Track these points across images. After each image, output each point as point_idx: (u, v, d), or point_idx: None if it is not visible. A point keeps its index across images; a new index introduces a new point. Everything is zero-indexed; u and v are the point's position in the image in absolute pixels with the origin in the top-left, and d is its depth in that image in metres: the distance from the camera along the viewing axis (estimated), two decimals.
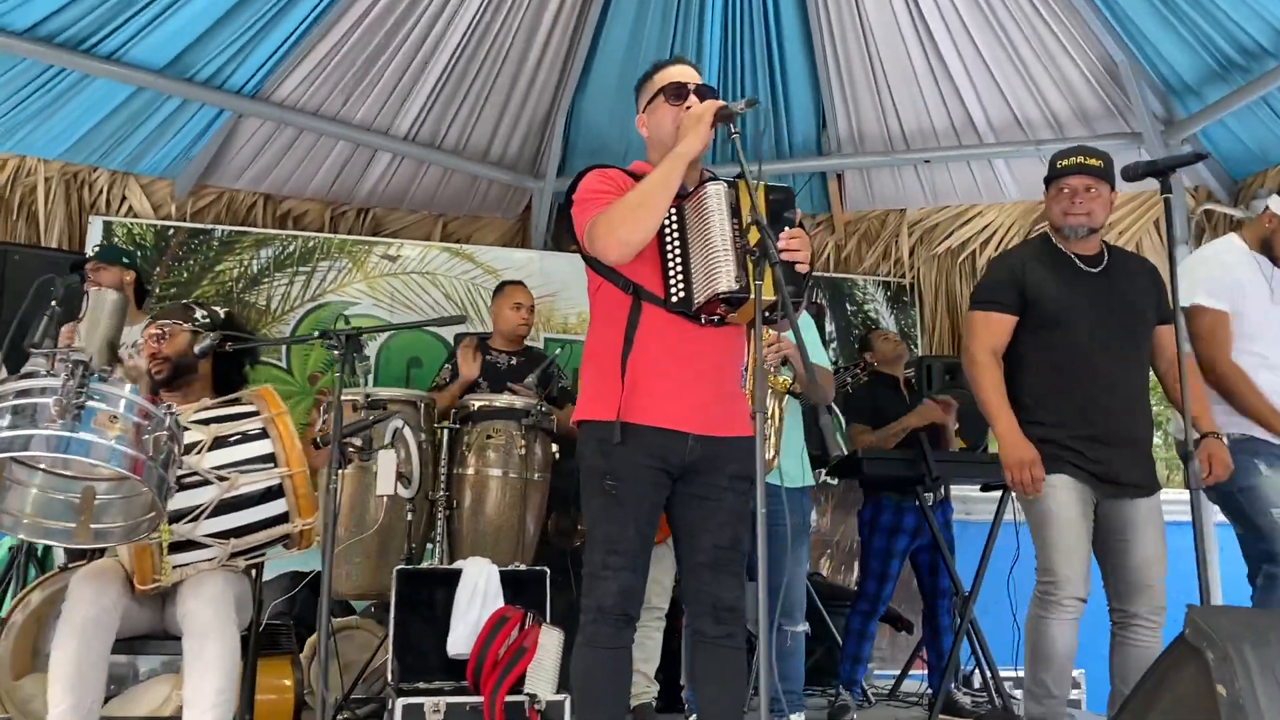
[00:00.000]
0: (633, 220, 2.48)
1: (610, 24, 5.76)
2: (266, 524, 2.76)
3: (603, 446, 2.55)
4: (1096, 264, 3.36)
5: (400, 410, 3.92)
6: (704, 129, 2.57)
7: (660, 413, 2.55)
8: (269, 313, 5.98)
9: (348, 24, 5.40)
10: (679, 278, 2.55)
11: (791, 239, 2.53)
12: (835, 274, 6.76)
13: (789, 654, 3.77)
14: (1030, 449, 3.19)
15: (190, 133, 5.72)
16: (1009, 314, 3.34)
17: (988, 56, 5.62)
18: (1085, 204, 3.29)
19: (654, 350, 2.57)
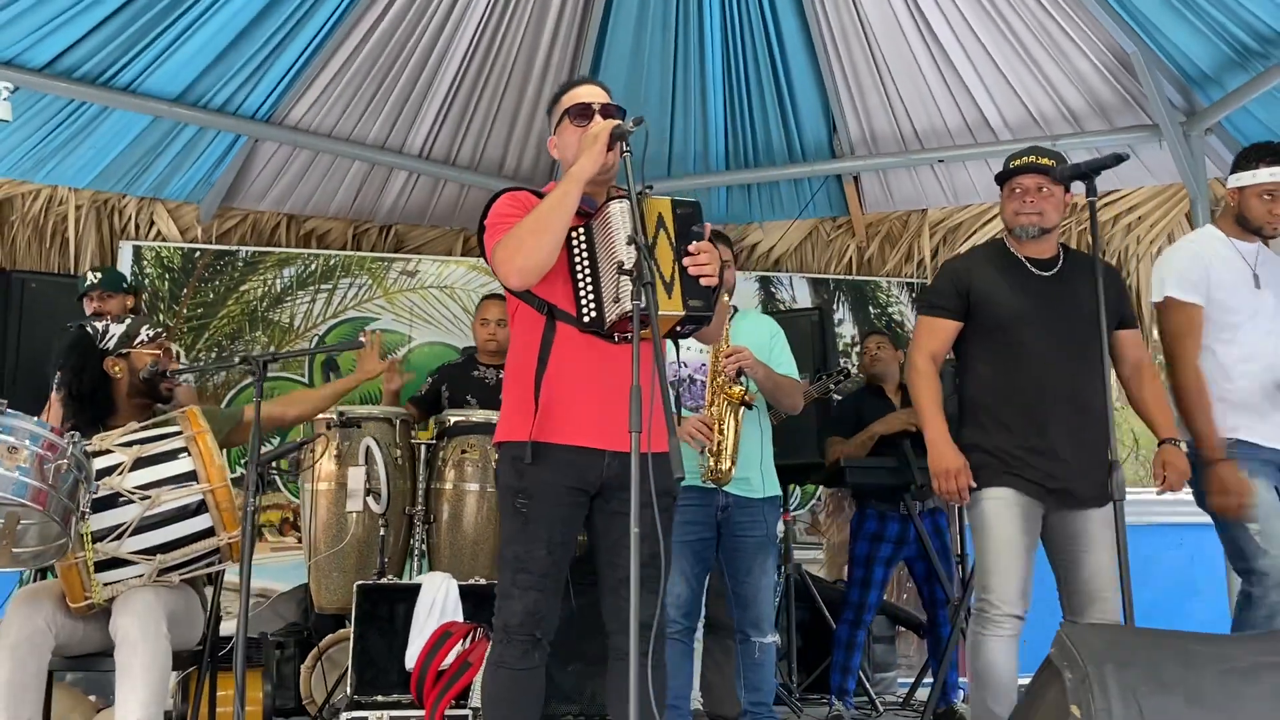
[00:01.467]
0: (530, 246, 2.51)
1: (612, 36, 5.81)
2: (192, 539, 2.88)
3: (516, 466, 2.59)
4: (1050, 267, 3.30)
5: (373, 428, 4.03)
6: (599, 148, 2.59)
7: (575, 431, 2.57)
8: (292, 330, 6.19)
9: (352, 45, 5.55)
10: (589, 297, 2.58)
11: (699, 252, 2.55)
12: (857, 276, 6.72)
13: (757, 665, 3.77)
14: (957, 458, 3.16)
15: (210, 158, 5.94)
16: (951, 319, 3.30)
17: (994, 52, 5.52)
18: (1037, 204, 3.25)
19: (569, 369, 2.60)
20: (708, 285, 2.53)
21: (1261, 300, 3.46)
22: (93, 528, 2.63)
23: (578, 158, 2.61)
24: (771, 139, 6.28)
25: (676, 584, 3.67)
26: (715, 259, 2.57)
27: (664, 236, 2.52)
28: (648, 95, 6.07)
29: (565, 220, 2.55)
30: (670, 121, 6.23)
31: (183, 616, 3.00)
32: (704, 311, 2.55)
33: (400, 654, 3.52)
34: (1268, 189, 3.45)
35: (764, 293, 6.65)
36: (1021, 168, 3.27)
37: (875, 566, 4.55)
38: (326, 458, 3.94)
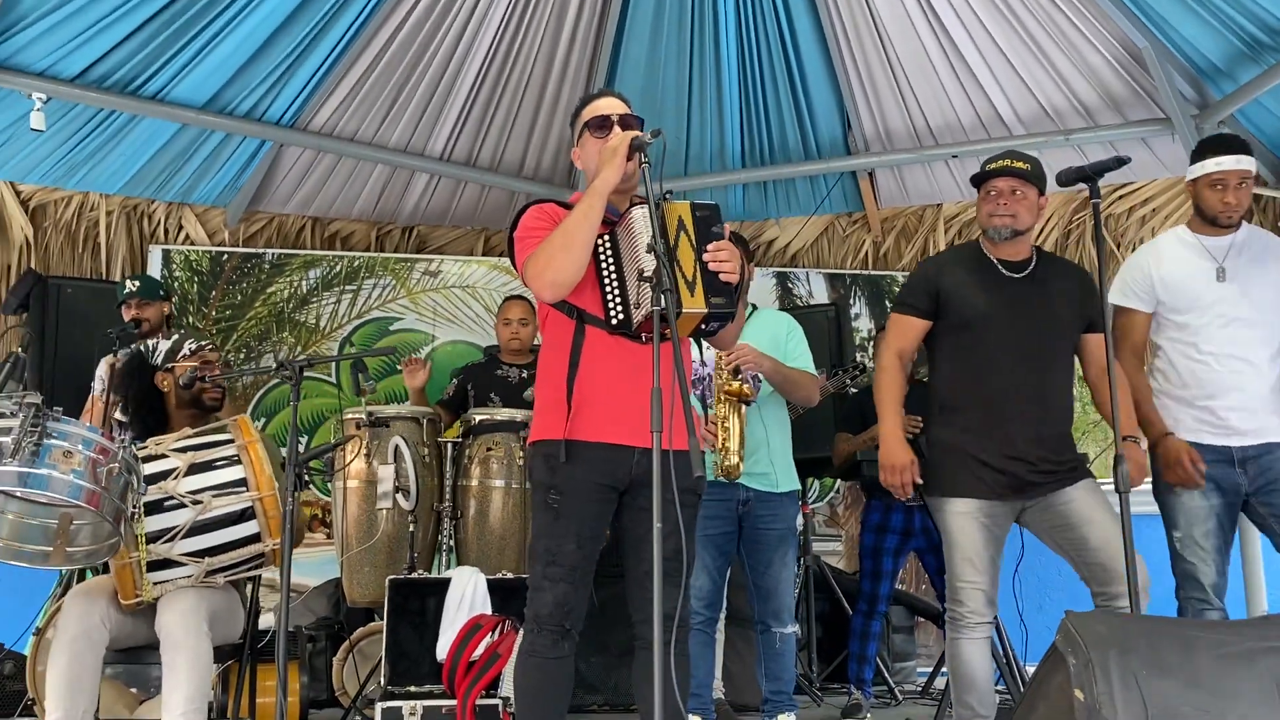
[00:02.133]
0: (560, 261, 2.63)
1: (628, 38, 5.91)
2: (239, 544, 3.02)
3: (549, 463, 2.70)
4: (1022, 269, 3.39)
5: (401, 427, 4.17)
6: (619, 161, 2.70)
7: (605, 429, 2.67)
8: (318, 330, 6.33)
9: (374, 51, 5.67)
10: (617, 300, 2.69)
11: (718, 251, 2.66)
12: (874, 271, 6.81)
13: (778, 655, 3.89)
14: (905, 454, 3.29)
15: (236, 163, 6.08)
16: (920, 317, 3.41)
17: (1005, 48, 5.60)
18: (1010, 206, 3.32)
19: (599, 371, 2.70)
20: (728, 282, 2.63)
21: (1224, 292, 3.49)
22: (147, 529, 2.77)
23: (599, 170, 2.72)
24: (787, 136, 6.37)
25: (699, 576, 3.79)
26: (735, 256, 2.67)
27: (685, 238, 2.63)
28: (664, 96, 6.18)
29: (591, 234, 2.66)
30: (687, 121, 6.33)
31: (224, 615, 3.14)
32: (726, 308, 2.65)
33: (431, 646, 3.66)
34: (1215, 178, 3.51)
35: (781, 288, 6.75)
36: (996, 171, 3.35)
37: (883, 557, 4.66)
38: (357, 457, 4.07)
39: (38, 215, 6.02)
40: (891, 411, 3.35)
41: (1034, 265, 3.40)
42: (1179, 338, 3.52)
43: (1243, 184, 3.49)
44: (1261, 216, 6.02)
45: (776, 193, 6.81)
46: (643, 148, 2.68)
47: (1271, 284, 3.51)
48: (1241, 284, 3.48)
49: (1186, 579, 3.42)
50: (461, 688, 3.37)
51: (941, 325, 3.40)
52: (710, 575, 3.83)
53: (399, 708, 3.38)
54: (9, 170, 5.76)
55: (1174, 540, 3.44)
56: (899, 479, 3.28)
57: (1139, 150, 5.93)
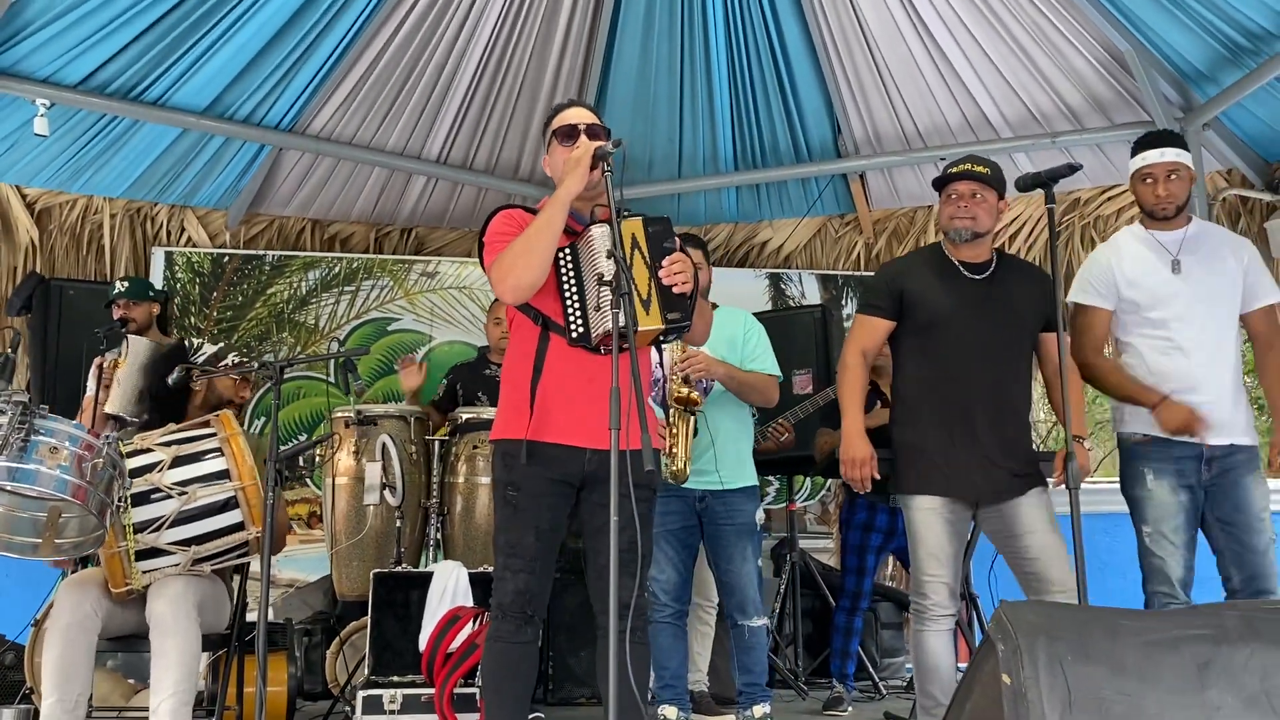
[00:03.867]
0: (521, 266, 2.76)
1: (620, 43, 6.04)
2: (224, 532, 3.17)
3: (508, 461, 2.85)
4: (982, 270, 3.50)
5: (389, 425, 4.31)
6: (582, 170, 2.82)
7: (562, 431, 2.82)
8: (318, 330, 6.46)
9: (371, 55, 5.81)
10: (577, 314, 2.81)
11: (672, 264, 2.78)
12: (866, 272, 6.89)
13: (748, 648, 4.00)
14: (865, 448, 3.42)
15: (237, 167, 6.23)
16: (883, 318, 3.52)
17: (990, 51, 5.70)
18: (970, 208, 3.43)
19: (560, 376, 2.84)
20: (682, 293, 2.75)
21: (1181, 284, 3.56)
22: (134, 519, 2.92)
23: (561, 178, 2.85)
24: (778, 140, 6.49)
25: (664, 569, 3.92)
26: (688, 267, 2.80)
27: (639, 256, 2.75)
28: (657, 100, 6.30)
29: (552, 241, 2.78)
30: (680, 125, 6.46)
31: (211, 603, 3.28)
32: (682, 321, 2.79)
33: (415, 637, 3.79)
34: (1144, 172, 3.62)
35: (774, 289, 6.86)
36: (956, 174, 3.46)
37: (867, 554, 4.77)
38: (345, 454, 4.21)
39: (43, 218, 6.18)
40: (853, 406, 3.47)
41: (994, 267, 3.51)
42: (1150, 333, 3.59)
43: (1172, 175, 3.56)
44: (1249, 219, 6.10)
45: (769, 195, 6.93)
46: (606, 157, 2.81)
47: (1226, 275, 3.59)
48: (1197, 277, 3.56)
49: (1155, 573, 3.50)
50: (440, 676, 3.50)
51: (905, 326, 3.51)
52: (675, 568, 3.95)
53: (379, 696, 3.51)
54: (15, 174, 5.93)
55: (1143, 535, 3.52)
56: (859, 472, 3.40)
57: (1125, 153, 5.83)
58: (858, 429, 3.44)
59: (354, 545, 4.29)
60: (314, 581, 5.48)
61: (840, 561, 5.08)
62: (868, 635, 5.57)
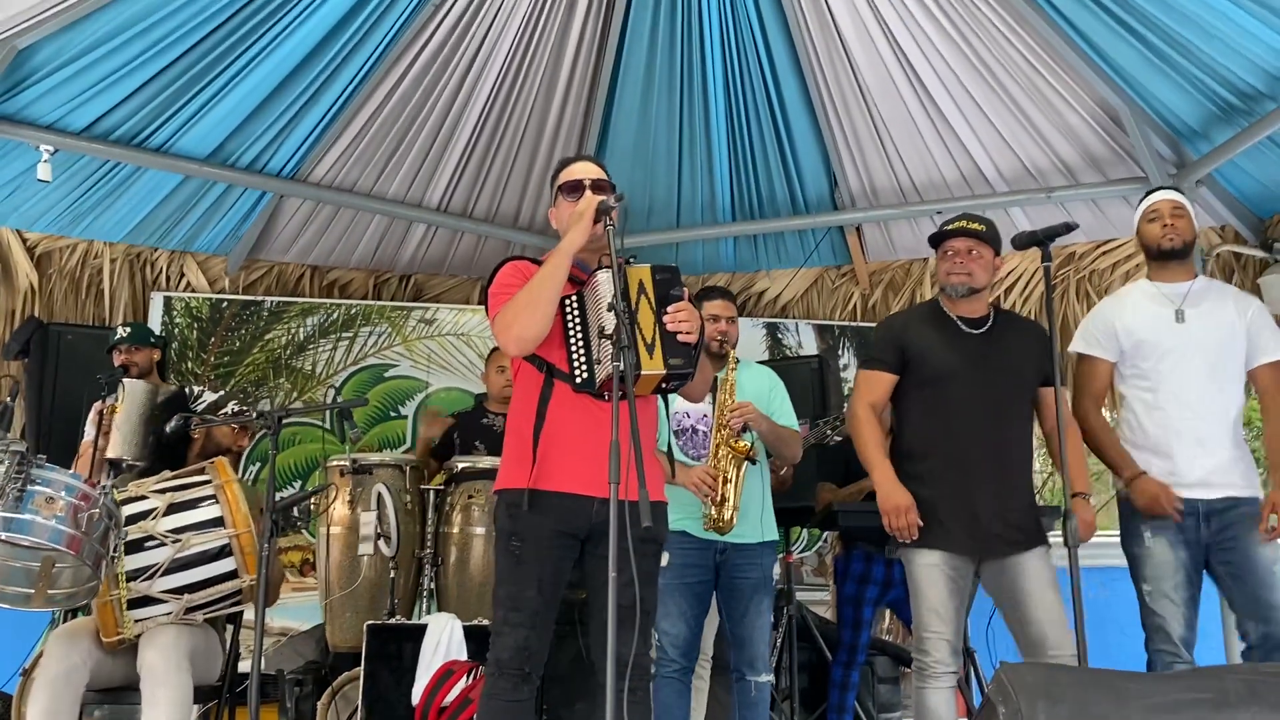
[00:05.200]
0: (525, 318, 2.77)
1: (620, 96, 6.08)
2: (217, 580, 3.15)
3: (511, 511, 2.82)
4: (980, 325, 3.53)
5: (384, 474, 4.29)
6: (585, 224, 2.85)
7: (566, 479, 2.80)
8: (314, 376, 6.46)
9: (374, 105, 5.84)
10: (581, 360, 2.81)
11: (677, 312, 2.78)
12: (862, 323, 6.92)
13: (752, 703, 3.97)
14: (904, 495, 3.38)
15: (238, 213, 6.26)
16: (889, 371, 3.55)
17: (986, 108, 5.74)
18: (966, 265, 3.49)
19: (564, 424, 2.83)
20: (686, 342, 2.75)
21: (1182, 335, 3.60)
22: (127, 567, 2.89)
23: (565, 231, 2.86)
24: (775, 192, 6.53)
25: (676, 624, 3.88)
26: (694, 317, 2.81)
27: (645, 302, 2.76)
28: (656, 152, 6.35)
29: (555, 293, 2.80)
30: (679, 176, 6.50)
31: (203, 653, 3.24)
32: (684, 369, 2.78)
33: (408, 691, 3.75)
34: (1151, 211, 3.70)
35: (771, 339, 6.88)
36: (953, 231, 3.52)
37: (864, 607, 4.74)
38: (340, 503, 4.19)
39: (43, 262, 6.17)
40: (879, 456, 3.47)
41: (992, 322, 3.54)
42: (1139, 385, 3.63)
43: (1177, 212, 3.64)
44: (1242, 275, 6.12)
45: (766, 245, 6.96)
46: (608, 212, 2.83)
47: (1227, 326, 3.61)
48: (1199, 327, 3.59)
49: (1156, 632, 3.49)
50: None
51: (907, 380, 3.53)
52: (687, 623, 3.92)
53: None
54: (16, 218, 5.94)
55: (1143, 593, 3.52)
56: (903, 520, 3.36)
57: (1120, 208, 6.06)
58: (890, 477, 3.43)
59: (347, 596, 4.25)
60: (306, 630, 5.41)
61: (836, 614, 5.04)
62: (864, 690, 5.50)
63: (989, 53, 5.43)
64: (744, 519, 3.90)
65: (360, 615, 4.23)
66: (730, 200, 6.62)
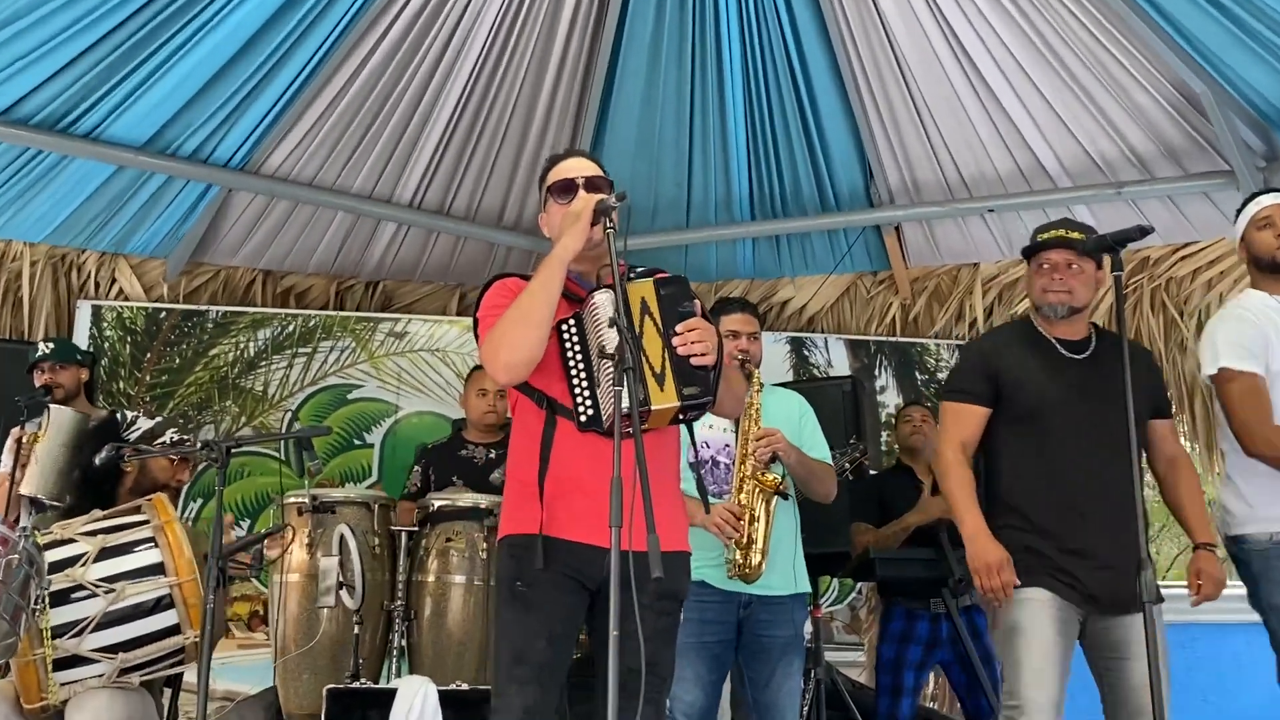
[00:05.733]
0: (514, 339, 2.76)
1: (622, 74, 6.15)
2: (156, 636, 3.19)
3: (515, 553, 2.83)
4: (1082, 349, 3.57)
5: (349, 513, 4.34)
6: (581, 227, 2.85)
7: (577, 527, 2.79)
8: (266, 399, 6.51)
9: (337, 86, 5.90)
10: (585, 395, 2.80)
11: (688, 331, 2.79)
12: (902, 338, 6.99)
13: None
14: (999, 551, 3.39)
15: (178, 209, 6.33)
16: (979, 404, 3.57)
17: (1046, 90, 5.80)
18: (1065, 281, 3.51)
19: (572, 466, 2.82)
20: (701, 365, 2.77)
21: None
22: (53, 622, 2.94)
23: (558, 236, 2.89)
24: (801, 186, 6.61)
25: (691, 690, 3.89)
26: (708, 335, 2.79)
27: (650, 322, 2.76)
28: (662, 139, 6.43)
29: (548, 308, 2.79)
30: (689, 167, 6.59)
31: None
32: (702, 397, 2.77)
33: None
34: (1261, 218, 3.70)
35: (796, 355, 6.93)
36: (1049, 242, 3.54)
37: (904, 672, 4.77)
38: (297, 547, 4.23)
39: None
40: (971, 507, 3.47)
41: (1094, 345, 3.58)
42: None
43: None
44: None
45: (790, 248, 7.04)
46: (608, 212, 2.85)
47: None
48: None
49: None
50: None
51: (1000, 413, 3.56)
52: (704, 689, 3.92)
53: None
54: None
55: None
56: (997, 580, 3.37)
57: (1200, 205, 6.13)
58: (982, 529, 3.44)
59: (304, 654, 4.28)
60: (255, 695, 5.44)
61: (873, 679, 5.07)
62: None
63: (1049, 26, 5.49)
64: (773, 566, 3.89)
65: (319, 677, 4.26)
66: (749, 196, 6.70)
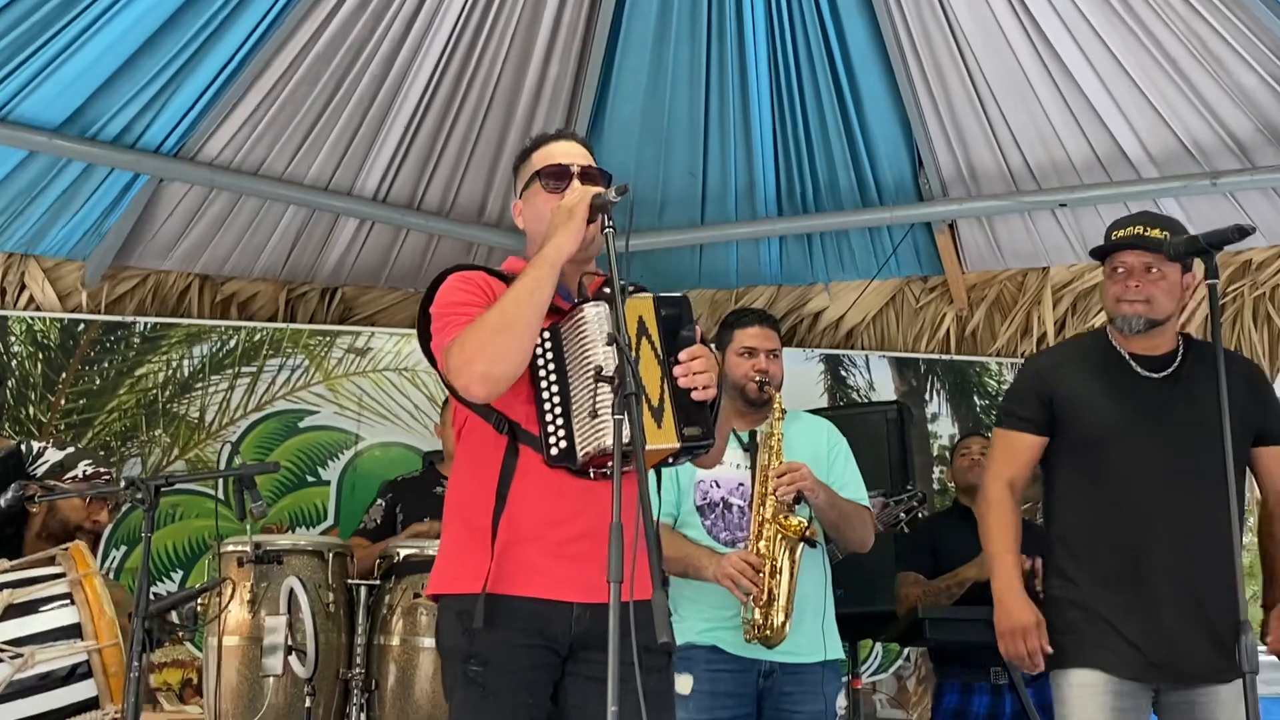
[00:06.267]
0: (495, 348, 2.72)
1: (625, 42, 6.13)
2: (70, 711, 3.15)
3: (464, 623, 2.81)
4: (1163, 367, 3.53)
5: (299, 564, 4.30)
6: (576, 224, 2.83)
7: (536, 580, 2.78)
8: (202, 428, 6.48)
9: (286, 60, 5.86)
10: (558, 425, 2.77)
11: (691, 360, 2.78)
12: (958, 356, 6.97)
13: None
14: (1028, 613, 3.40)
15: (101, 203, 6.30)
16: (1032, 433, 3.56)
17: (1130, 65, 5.77)
18: (1145, 288, 3.48)
19: (534, 506, 2.81)
20: (703, 400, 2.75)
21: None
22: None
23: (550, 234, 2.86)
24: (837, 176, 6.58)
25: None
26: (711, 365, 2.80)
27: (648, 347, 2.75)
28: (673, 119, 6.41)
29: (538, 314, 2.78)
30: (704, 153, 6.57)
31: None
32: (703, 439, 2.77)
33: None
34: None
35: (831, 377, 6.90)
36: (1123, 241, 3.52)
37: None
38: (237, 604, 4.19)
39: None
40: (1006, 557, 3.48)
41: (1180, 361, 3.54)
42: None
43: None
44: None
45: (825, 249, 7.01)
46: (606, 208, 2.83)
47: None
48: None
49: None
50: None
51: (1059, 444, 3.55)
52: None
53: None
54: None
55: None
56: (1023, 647, 3.38)
57: None
58: (1013, 586, 3.44)
59: None
60: None
61: None
62: None
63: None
64: (799, 628, 3.88)
65: None
66: (775, 188, 6.68)
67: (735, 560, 3.78)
